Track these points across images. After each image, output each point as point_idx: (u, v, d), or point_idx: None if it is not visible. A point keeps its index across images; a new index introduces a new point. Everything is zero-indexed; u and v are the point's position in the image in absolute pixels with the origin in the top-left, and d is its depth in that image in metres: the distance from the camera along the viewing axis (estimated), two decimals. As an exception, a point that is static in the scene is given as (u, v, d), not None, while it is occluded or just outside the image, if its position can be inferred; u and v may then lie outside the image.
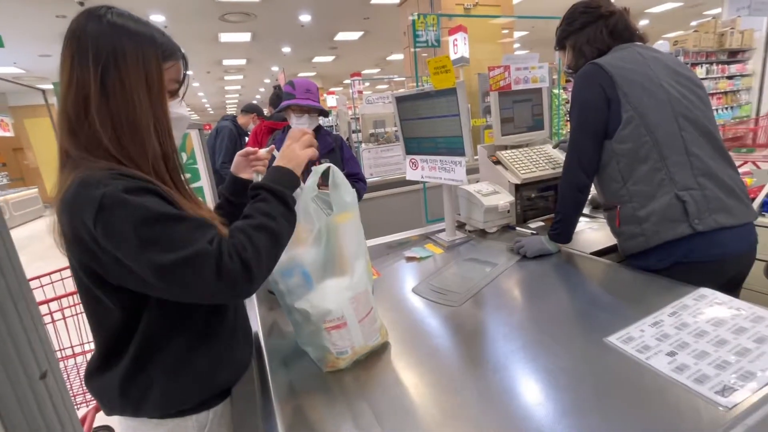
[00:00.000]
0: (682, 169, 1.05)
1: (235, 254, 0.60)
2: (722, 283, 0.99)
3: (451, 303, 1.08)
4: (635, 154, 1.08)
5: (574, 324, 0.93)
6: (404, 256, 1.45)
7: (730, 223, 1.02)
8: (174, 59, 0.69)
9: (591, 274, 1.18)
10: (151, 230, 0.56)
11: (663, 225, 1.05)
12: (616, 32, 1.17)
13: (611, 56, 1.14)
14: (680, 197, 1.03)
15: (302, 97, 1.66)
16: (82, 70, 0.60)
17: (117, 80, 0.61)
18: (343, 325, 0.82)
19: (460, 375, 0.79)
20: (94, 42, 0.60)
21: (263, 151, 1.01)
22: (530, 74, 1.64)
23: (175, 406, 0.70)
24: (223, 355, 0.75)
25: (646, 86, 1.08)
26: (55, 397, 0.23)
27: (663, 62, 1.13)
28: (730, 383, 0.64)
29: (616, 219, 1.15)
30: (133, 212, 0.56)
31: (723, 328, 0.77)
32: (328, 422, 0.70)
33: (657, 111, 1.07)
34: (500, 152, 1.69)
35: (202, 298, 0.62)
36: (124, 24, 0.63)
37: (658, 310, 0.87)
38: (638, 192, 1.09)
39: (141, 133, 0.64)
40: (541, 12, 3.17)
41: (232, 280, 0.59)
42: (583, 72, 1.15)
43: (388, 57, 11.23)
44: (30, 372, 0.22)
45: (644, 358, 0.73)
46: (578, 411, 0.65)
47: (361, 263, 0.86)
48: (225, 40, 7.84)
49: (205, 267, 0.57)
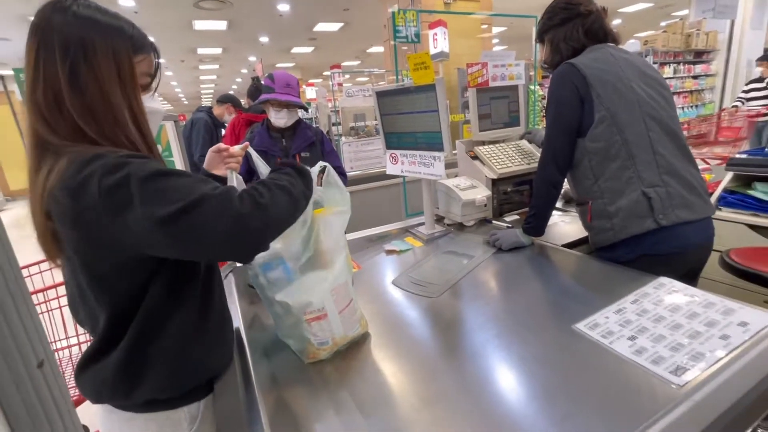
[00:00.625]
0: (649, 167, 1.11)
1: (248, 198, 0.60)
2: (683, 272, 1.07)
3: (430, 294, 1.11)
4: (606, 153, 1.13)
5: (545, 313, 0.98)
6: (384, 249, 1.48)
7: (691, 218, 1.09)
8: (145, 52, 0.68)
9: (562, 266, 1.24)
10: (154, 184, 0.56)
11: (630, 220, 1.11)
12: (591, 32, 1.21)
13: (585, 57, 1.18)
14: (646, 194, 1.09)
15: (282, 91, 1.65)
16: (49, 64, 0.59)
17: (88, 75, 0.60)
18: (324, 316, 0.83)
19: (438, 363, 0.82)
20: (60, 35, 0.58)
21: (237, 147, 0.99)
22: (507, 71, 1.68)
23: (167, 391, 0.70)
24: (214, 343, 0.76)
25: (618, 87, 1.13)
26: (52, 384, 0.24)
27: (633, 63, 1.18)
28: (682, 363, 0.70)
29: (588, 214, 1.21)
30: (135, 171, 0.55)
31: (678, 314, 0.84)
32: (311, 412, 0.72)
33: (627, 111, 1.12)
34: (478, 147, 1.73)
35: (216, 247, 0.58)
36: (92, 16, 0.61)
37: (621, 298, 0.93)
38: (608, 188, 1.14)
39: (121, 126, 0.63)
40: (519, 9, 3.23)
41: (241, 220, 0.58)
42: (558, 72, 1.19)
43: (368, 49, 11.15)
44: (28, 361, 0.23)
45: (608, 343, 0.79)
46: (548, 394, 0.69)
47: (341, 256, 0.87)
48: (200, 27, 7.59)
49: (214, 208, 0.56)
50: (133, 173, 0.55)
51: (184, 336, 0.70)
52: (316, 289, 0.82)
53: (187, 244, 0.58)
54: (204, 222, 0.56)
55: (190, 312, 0.71)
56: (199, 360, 0.73)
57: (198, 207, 0.56)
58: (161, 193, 0.56)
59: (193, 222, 0.56)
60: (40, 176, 0.59)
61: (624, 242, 1.14)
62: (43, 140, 0.60)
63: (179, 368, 0.70)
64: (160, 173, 0.57)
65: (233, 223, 0.58)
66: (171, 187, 0.57)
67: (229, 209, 0.58)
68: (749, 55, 7.18)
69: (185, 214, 0.55)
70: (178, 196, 0.56)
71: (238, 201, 0.59)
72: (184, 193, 0.56)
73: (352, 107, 3.70)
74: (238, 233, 0.58)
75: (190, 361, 0.71)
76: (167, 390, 0.71)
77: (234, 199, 0.59)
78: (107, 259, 0.61)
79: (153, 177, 0.56)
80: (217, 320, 0.77)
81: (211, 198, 0.57)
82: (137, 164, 0.57)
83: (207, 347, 0.74)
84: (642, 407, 0.63)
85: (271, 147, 1.79)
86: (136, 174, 0.55)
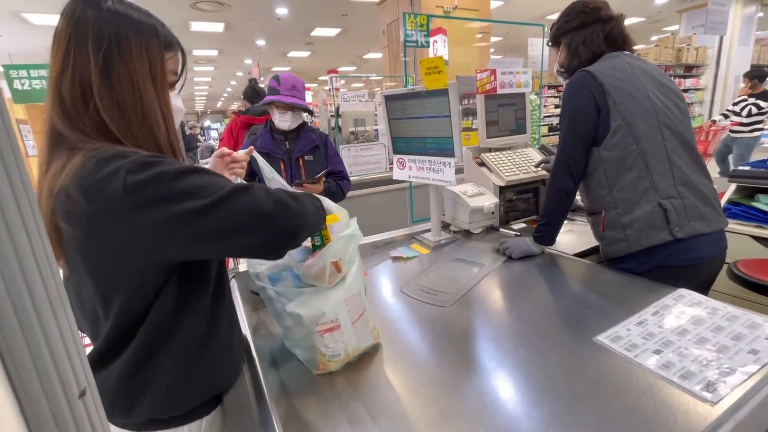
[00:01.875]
0: (665, 178, 1.09)
1: (272, 195, 0.61)
2: (696, 285, 1.05)
3: (441, 303, 1.08)
4: (622, 162, 1.11)
5: (563, 324, 0.96)
6: (390, 255, 1.45)
7: (706, 230, 1.08)
8: (173, 51, 0.69)
9: (575, 275, 1.22)
10: (182, 181, 0.56)
11: (645, 232, 1.09)
12: (611, 38, 1.19)
13: (602, 64, 1.16)
14: (662, 205, 1.08)
15: (287, 93, 1.62)
16: (81, 55, 0.58)
17: (121, 68, 0.60)
18: (337, 327, 0.80)
19: (455, 376, 0.79)
20: (95, 27, 0.58)
21: (241, 152, 0.97)
22: (515, 78, 1.67)
23: (171, 408, 0.67)
24: (222, 356, 0.72)
25: (635, 96, 1.11)
26: (93, 418, 0.21)
27: (649, 72, 1.17)
28: (713, 379, 0.68)
29: (601, 224, 1.19)
30: (162, 170, 0.55)
31: (702, 327, 0.82)
32: (325, 424, 0.68)
33: (644, 121, 1.10)
34: (485, 154, 1.71)
35: (251, 235, 0.59)
36: (126, 12, 0.62)
37: (641, 309, 0.91)
38: (623, 199, 1.13)
39: (150, 122, 0.63)
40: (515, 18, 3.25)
41: (283, 202, 0.60)
42: (575, 80, 1.16)
43: (365, 55, 11.18)
44: (69, 390, 0.19)
45: (632, 356, 0.76)
46: (574, 410, 0.66)
47: (353, 265, 0.84)
48: (196, 29, 7.53)
49: (252, 197, 0.58)
50: (165, 171, 0.55)
51: (190, 352, 0.67)
52: (329, 300, 0.79)
53: (220, 235, 0.57)
54: (244, 207, 0.57)
55: (197, 327, 0.67)
56: (204, 377, 0.70)
57: (236, 196, 0.57)
58: (196, 188, 0.56)
59: (221, 216, 0.56)
60: (49, 174, 0.56)
61: (637, 253, 1.12)
62: (58, 135, 0.58)
63: (182, 385, 0.67)
64: (192, 170, 0.58)
65: (274, 207, 0.59)
66: (203, 182, 0.57)
67: (267, 199, 0.59)
68: (737, 71, 7.38)
69: (211, 210, 0.55)
70: (213, 190, 0.56)
71: (264, 195, 0.60)
72: (217, 188, 0.57)
73: (352, 112, 3.68)
74: (276, 222, 0.60)
75: (194, 378, 0.68)
76: (168, 409, 0.67)
77: (259, 192, 0.60)
78: (117, 264, 0.58)
79: (184, 174, 0.56)
80: (225, 335, 0.74)
81: (246, 188, 0.59)
82: (167, 162, 0.57)
83: (213, 363, 0.71)
84: (677, 425, 0.60)
85: (275, 149, 1.75)
86: (167, 171, 0.55)
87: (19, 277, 0.18)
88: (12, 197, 0.18)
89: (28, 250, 0.19)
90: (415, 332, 0.97)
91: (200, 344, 0.68)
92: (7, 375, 0.18)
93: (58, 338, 0.19)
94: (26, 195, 0.18)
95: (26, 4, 5.57)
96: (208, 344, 0.69)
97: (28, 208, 0.19)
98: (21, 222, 0.19)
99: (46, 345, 0.19)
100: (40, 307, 0.19)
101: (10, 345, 0.18)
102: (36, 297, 0.19)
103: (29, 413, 0.18)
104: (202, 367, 0.68)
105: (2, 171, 0.18)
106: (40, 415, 0.18)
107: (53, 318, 0.19)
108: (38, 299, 0.19)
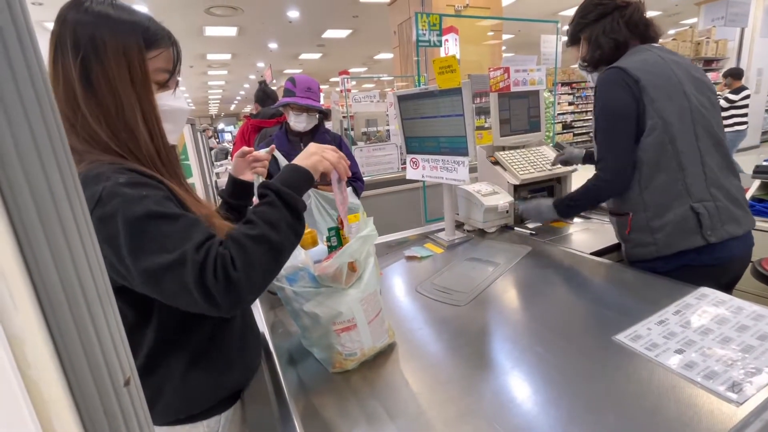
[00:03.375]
0: (697, 180, 1.05)
1: (221, 269, 0.53)
2: (721, 284, 1.02)
3: (456, 302, 1.08)
4: (656, 163, 1.06)
5: (581, 323, 0.95)
6: (404, 255, 1.45)
7: (738, 233, 1.04)
8: (161, 46, 0.64)
9: (593, 274, 1.20)
10: (140, 229, 0.52)
11: (676, 236, 1.05)
12: (632, 23, 1.13)
13: (632, 59, 1.10)
14: (695, 209, 1.03)
15: (303, 95, 1.64)
16: (65, 62, 0.57)
17: (99, 72, 0.58)
18: (353, 327, 0.80)
19: (471, 375, 0.79)
20: (73, 32, 0.57)
21: (263, 151, 0.97)
22: (528, 76, 1.66)
23: (185, 410, 0.68)
24: (234, 356, 0.73)
25: (671, 93, 1.06)
26: (137, 406, 0.22)
27: (682, 66, 1.10)
28: (739, 379, 0.66)
29: (628, 227, 1.14)
30: (127, 208, 0.52)
31: (726, 326, 0.80)
32: (343, 422, 0.69)
33: (679, 119, 1.05)
34: (498, 153, 1.70)
35: (187, 307, 0.56)
36: (104, 11, 0.59)
37: (662, 308, 0.89)
38: (654, 201, 1.08)
39: (131, 127, 0.61)
40: (526, 15, 3.22)
41: (211, 296, 0.53)
42: (608, 78, 1.10)
43: (375, 56, 11.21)
44: (115, 378, 0.20)
45: (654, 356, 0.75)
46: (593, 408, 0.66)
47: (369, 264, 0.85)
48: (210, 33, 7.67)
49: (185, 277, 0.52)
50: (121, 211, 0.52)
51: (200, 353, 0.67)
52: (346, 299, 0.79)
53: (159, 296, 0.55)
54: (176, 288, 0.53)
55: (208, 328, 0.68)
56: (217, 377, 0.70)
57: (172, 269, 0.52)
58: (143, 241, 0.53)
59: (164, 283, 0.53)
60: None
61: (663, 256, 1.08)
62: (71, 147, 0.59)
63: (195, 387, 0.67)
64: (152, 215, 0.54)
65: (204, 299, 0.53)
66: (155, 236, 0.53)
67: (202, 282, 0.53)
68: (759, 63, 7.14)
69: (158, 274, 0.52)
70: (158, 250, 0.53)
71: (211, 273, 0.53)
72: (166, 248, 0.53)
73: (364, 112, 3.69)
74: (205, 303, 0.54)
75: (206, 378, 0.68)
76: (184, 410, 0.68)
77: (208, 268, 0.53)
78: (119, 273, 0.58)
79: (143, 219, 0.53)
80: (238, 335, 0.74)
81: (187, 263, 0.52)
82: (129, 198, 0.53)
83: (226, 364, 0.71)
84: (701, 426, 0.59)
85: (290, 150, 1.77)
86: (124, 212, 0.52)
87: (72, 274, 0.19)
88: (66, 200, 0.19)
89: (80, 249, 0.20)
90: (430, 331, 0.97)
91: (210, 344, 0.68)
92: (61, 366, 0.19)
93: (105, 330, 0.20)
94: (77, 197, 0.20)
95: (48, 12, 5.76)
96: (220, 345, 0.69)
97: (79, 209, 0.20)
98: (74, 223, 0.20)
99: (96, 336, 0.20)
100: (91, 301, 0.20)
101: (64, 337, 0.19)
102: (87, 291, 0.20)
103: (80, 401, 0.19)
104: (214, 367, 0.69)
105: (56, 172, 0.19)
106: (90, 402, 0.19)
107: (101, 311, 0.20)
108: (89, 294, 0.20)
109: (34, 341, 0.19)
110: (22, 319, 0.19)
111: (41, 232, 0.19)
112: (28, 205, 0.18)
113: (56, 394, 0.19)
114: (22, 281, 0.19)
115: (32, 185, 0.19)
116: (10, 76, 0.18)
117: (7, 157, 0.18)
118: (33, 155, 0.19)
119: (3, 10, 0.18)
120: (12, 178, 0.18)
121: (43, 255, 0.19)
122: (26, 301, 0.19)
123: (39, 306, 0.19)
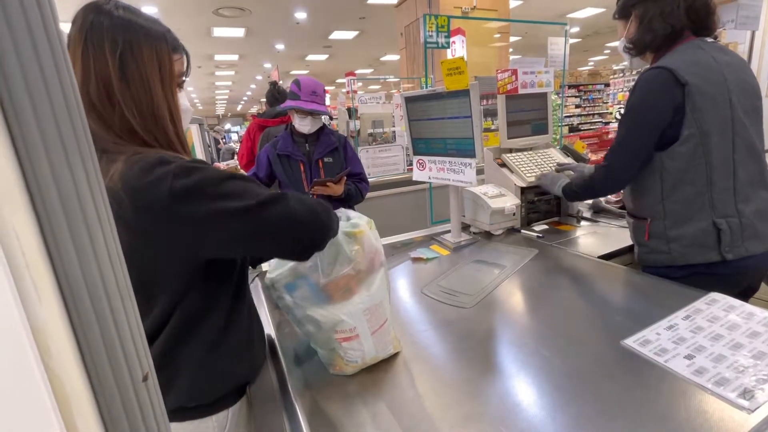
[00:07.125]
0: (725, 195, 0.99)
1: (304, 204, 0.67)
2: (736, 293, 0.97)
3: (462, 305, 1.08)
4: (683, 174, 1.00)
5: (589, 327, 0.94)
6: (410, 256, 1.45)
7: (758, 250, 0.99)
8: (180, 53, 0.72)
9: (601, 278, 1.19)
10: (227, 184, 0.61)
11: (692, 249, 1.02)
12: (693, 11, 1.00)
13: (682, 59, 1.00)
14: (717, 225, 0.99)
15: (307, 99, 1.65)
16: (99, 59, 0.62)
17: (134, 69, 0.63)
18: (355, 337, 0.78)
19: (477, 377, 0.78)
20: (109, 34, 0.62)
21: None
22: (536, 78, 1.65)
23: (197, 397, 0.70)
24: (243, 348, 0.76)
25: (717, 101, 0.98)
26: (154, 402, 0.22)
27: (734, 69, 1.02)
28: (750, 386, 0.65)
29: (646, 233, 1.10)
30: (207, 174, 0.60)
31: (737, 332, 0.79)
32: (348, 421, 0.69)
33: (720, 131, 0.99)
34: (505, 155, 1.70)
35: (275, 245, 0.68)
36: (134, 19, 0.65)
37: (671, 313, 0.88)
38: (674, 211, 1.03)
39: (162, 122, 0.66)
40: (533, 18, 3.21)
41: (315, 213, 0.67)
42: (653, 78, 1.00)
43: (382, 57, 11.23)
44: (134, 373, 0.21)
45: (663, 361, 0.74)
46: (600, 414, 0.65)
47: (378, 274, 0.83)
48: (218, 34, 7.73)
49: (277, 208, 0.63)
50: (207, 176, 0.60)
51: (213, 341, 0.70)
52: (348, 308, 0.78)
53: (253, 236, 0.63)
54: (279, 214, 0.63)
55: (220, 318, 0.71)
56: (227, 365, 0.73)
57: (271, 203, 0.63)
58: (236, 193, 0.61)
59: (269, 213, 0.62)
60: None
61: (678, 266, 1.06)
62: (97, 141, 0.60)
63: (207, 373, 0.70)
64: (231, 176, 0.63)
65: (304, 216, 0.65)
66: (242, 188, 0.62)
67: (299, 208, 0.65)
68: (770, 68, 7.05)
69: (260, 207, 0.61)
70: (251, 195, 0.62)
71: (295, 203, 0.66)
72: (255, 194, 0.62)
73: (371, 114, 3.70)
74: (306, 230, 0.66)
75: (218, 366, 0.71)
76: (195, 397, 0.70)
77: (303, 200, 0.67)
78: (156, 261, 0.62)
79: (225, 180, 0.62)
80: (245, 326, 0.77)
81: (281, 197, 0.65)
82: (209, 169, 0.62)
83: (235, 353, 0.74)
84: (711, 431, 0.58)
85: (295, 152, 1.78)
86: (210, 177, 0.60)
87: (95, 269, 0.20)
88: (90, 198, 0.20)
89: (102, 245, 0.21)
90: (436, 333, 0.97)
91: (223, 333, 0.71)
92: (82, 359, 0.20)
93: (125, 326, 0.21)
94: (101, 194, 0.20)
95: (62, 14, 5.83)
96: (229, 334, 0.72)
97: (102, 206, 0.21)
98: (97, 220, 0.20)
99: (116, 332, 0.20)
100: (112, 297, 0.20)
101: (86, 331, 0.19)
102: (108, 287, 0.20)
103: (100, 394, 0.20)
104: (224, 355, 0.72)
105: (81, 171, 0.20)
106: (109, 396, 0.20)
107: (122, 307, 0.21)
108: (110, 290, 0.20)
109: (57, 334, 0.19)
110: (46, 312, 0.19)
111: (66, 229, 0.20)
112: (54, 203, 0.19)
113: (77, 387, 0.19)
114: (46, 276, 0.19)
115: (59, 184, 0.19)
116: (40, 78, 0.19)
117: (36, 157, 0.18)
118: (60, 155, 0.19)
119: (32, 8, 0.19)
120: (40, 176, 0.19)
121: (67, 251, 0.19)
122: (50, 295, 0.19)
123: (62, 300, 0.20)
